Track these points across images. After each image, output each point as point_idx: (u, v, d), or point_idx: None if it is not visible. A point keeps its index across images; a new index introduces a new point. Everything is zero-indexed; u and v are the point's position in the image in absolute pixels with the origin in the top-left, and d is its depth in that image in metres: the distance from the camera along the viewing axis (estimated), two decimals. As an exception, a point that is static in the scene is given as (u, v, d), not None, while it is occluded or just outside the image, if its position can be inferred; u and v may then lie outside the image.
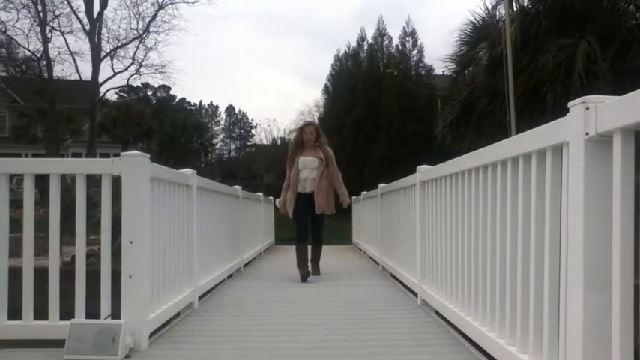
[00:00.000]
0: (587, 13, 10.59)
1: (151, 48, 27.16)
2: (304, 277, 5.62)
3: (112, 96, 32.91)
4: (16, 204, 3.27)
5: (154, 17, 26.70)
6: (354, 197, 10.57)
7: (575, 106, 1.73)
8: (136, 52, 27.02)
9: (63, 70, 35.66)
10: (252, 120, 62.07)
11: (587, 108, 1.68)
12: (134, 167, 2.93)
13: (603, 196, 1.65)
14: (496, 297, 2.50)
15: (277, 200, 6.44)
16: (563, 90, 9.89)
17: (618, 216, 1.55)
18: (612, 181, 1.58)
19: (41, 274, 2.92)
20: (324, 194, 5.82)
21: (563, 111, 1.84)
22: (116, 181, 2.94)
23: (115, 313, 2.87)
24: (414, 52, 26.23)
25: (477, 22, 12.82)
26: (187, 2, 27.07)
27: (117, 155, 3.01)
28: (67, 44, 26.58)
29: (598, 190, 1.67)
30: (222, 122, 64.11)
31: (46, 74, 25.82)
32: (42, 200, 3.61)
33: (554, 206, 1.96)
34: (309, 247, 5.97)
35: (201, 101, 63.69)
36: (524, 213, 2.21)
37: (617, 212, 1.55)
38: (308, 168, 5.85)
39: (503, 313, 2.41)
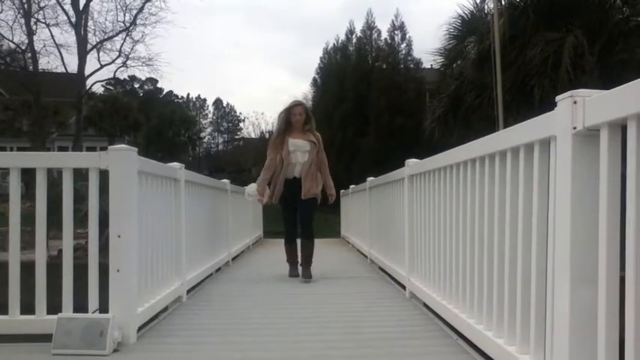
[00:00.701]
0: (574, 7, 10.65)
1: (137, 40, 26.97)
2: (293, 275, 5.44)
3: (98, 89, 32.56)
4: (1, 198, 3.24)
5: (140, 9, 26.49)
6: (342, 190, 10.57)
7: (563, 100, 1.74)
8: (122, 44, 26.82)
9: (49, 62, 35.36)
10: (240, 113, 61.77)
11: (575, 102, 1.69)
12: (121, 161, 2.91)
13: (590, 189, 1.66)
14: (484, 290, 2.52)
15: (248, 187, 5.82)
16: (551, 84, 9.94)
17: (605, 209, 1.56)
18: (599, 175, 1.59)
19: (28, 269, 2.90)
20: (312, 178, 5.28)
21: (550, 105, 1.85)
22: (103, 175, 2.92)
23: (103, 308, 2.85)
24: (403, 46, 26.17)
25: (465, 16, 12.84)
26: (175, -6, 26.88)
27: (103, 148, 2.99)
28: (52, 36, 26.36)
29: (585, 184, 1.68)
30: (210, 115, 63.79)
31: (31, 67, 25.50)
32: (27, 194, 3.57)
33: (542, 200, 1.98)
34: (299, 244, 5.50)
35: (188, 94, 63.28)
36: (511, 206, 2.22)
37: (604, 206, 1.56)
38: (299, 151, 5.25)
39: (491, 305, 2.43)
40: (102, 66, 26.78)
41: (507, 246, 2.25)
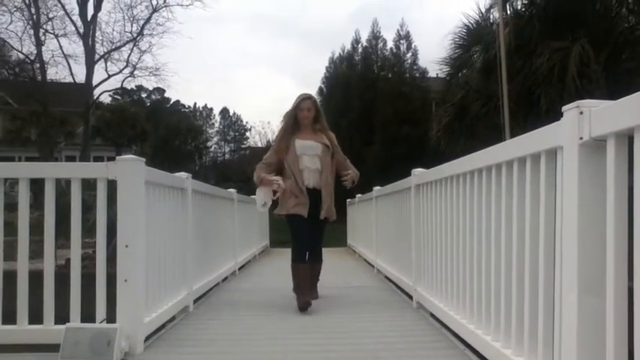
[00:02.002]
0: (580, 17, 10.65)
1: (145, 51, 27.29)
2: (304, 307, 4.07)
3: (105, 99, 32.86)
4: (9, 207, 3.26)
5: (148, 20, 26.78)
6: (348, 200, 10.57)
7: (570, 110, 1.75)
8: (130, 54, 27.11)
9: (57, 72, 35.75)
10: (246, 122, 61.81)
11: (581, 112, 1.69)
12: (129, 171, 2.92)
13: (597, 199, 1.66)
14: (491, 300, 2.51)
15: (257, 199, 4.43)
16: (557, 93, 9.93)
17: (612, 220, 1.56)
18: (606, 185, 1.59)
19: (35, 278, 2.91)
20: (332, 194, 4.42)
21: (556, 114, 1.86)
22: (111, 184, 2.94)
23: (110, 317, 2.86)
24: (409, 55, 26.24)
25: (470, 26, 12.86)
26: (182, 5, 27.15)
27: (110, 158, 3.01)
28: (60, 47, 26.64)
29: (592, 194, 1.68)
30: (217, 125, 63.94)
31: (39, 77, 25.75)
32: (36, 203, 3.60)
33: (549, 210, 1.97)
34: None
35: (195, 104, 63.35)
36: (518, 216, 2.22)
37: (611, 216, 1.56)
38: (307, 155, 4.33)
39: (498, 315, 2.42)
40: (109, 76, 27.08)
41: (515, 256, 2.25)
